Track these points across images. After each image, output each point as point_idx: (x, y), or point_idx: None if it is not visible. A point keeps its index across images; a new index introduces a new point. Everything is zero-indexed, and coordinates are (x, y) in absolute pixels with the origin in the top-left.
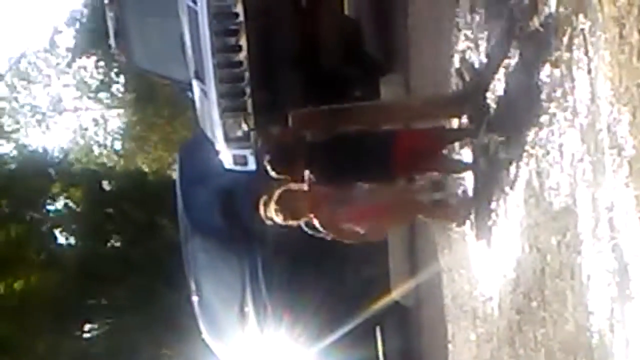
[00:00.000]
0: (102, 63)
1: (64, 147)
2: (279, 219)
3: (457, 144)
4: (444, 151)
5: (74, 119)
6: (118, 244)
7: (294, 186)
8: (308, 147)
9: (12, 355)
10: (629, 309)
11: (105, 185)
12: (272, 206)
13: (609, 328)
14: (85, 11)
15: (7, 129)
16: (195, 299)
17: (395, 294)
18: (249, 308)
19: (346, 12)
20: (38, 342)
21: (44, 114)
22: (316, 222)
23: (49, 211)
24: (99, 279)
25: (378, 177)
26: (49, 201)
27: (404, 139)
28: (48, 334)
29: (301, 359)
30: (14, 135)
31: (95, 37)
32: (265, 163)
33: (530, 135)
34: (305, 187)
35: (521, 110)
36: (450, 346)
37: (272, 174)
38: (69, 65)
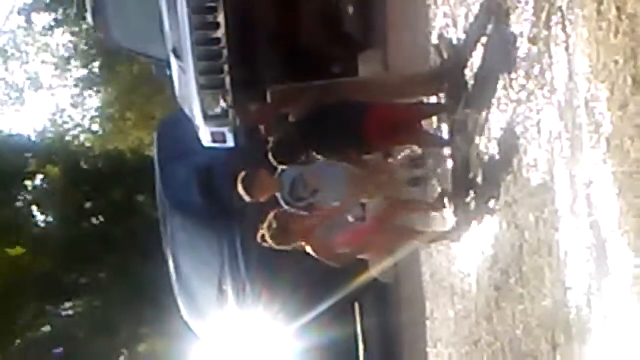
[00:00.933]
0: (79, 40)
1: (40, 125)
2: (270, 242)
3: (435, 121)
4: (421, 125)
5: (51, 98)
6: (97, 222)
7: (286, 211)
8: (297, 128)
9: None
10: (607, 285)
11: (84, 164)
12: (265, 230)
13: (586, 304)
14: None
15: None
16: (173, 277)
17: (374, 271)
18: (228, 286)
19: None
20: (17, 321)
21: (21, 90)
22: (308, 248)
23: (27, 190)
24: (78, 257)
25: (354, 145)
26: (27, 181)
27: (379, 109)
28: (27, 313)
29: (280, 336)
30: None
31: (72, 14)
32: (270, 155)
33: (509, 111)
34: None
35: (499, 87)
36: (428, 323)
37: (274, 163)
38: (46, 44)
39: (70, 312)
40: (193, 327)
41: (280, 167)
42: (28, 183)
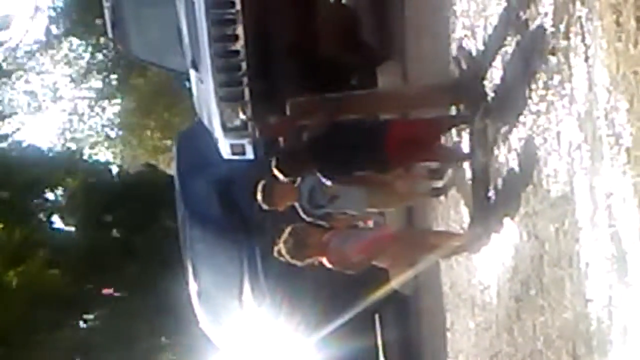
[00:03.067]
0: (99, 52)
1: (60, 136)
2: (286, 257)
3: (455, 133)
4: (440, 140)
5: (71, 108)
6: (117, 234)
7: (302, 226)
8: (308, 144)
9: (11, 345)
10: (627, 296)
11: (105, 175)
12: (281, 244)
13: (607, 315)
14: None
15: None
16: (193, 287)
17: (394, 283)
18: (247, 297)
19: (343, 0)
20: (37, 332)
21: (40, 102)
22: (326, 262)
23: (48, 201)
24: (98, 267)
25: (373, 167)
26: (48, 191)
27: (398, 129)
28: (47, 324)
29: (300, 347)
30: (11, 126)
31: (93, 26)
32: (273, 168)
33: (528, 123)
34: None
35: (519, 98)
36: (448, 334)
37: (280, 176)
38: (65, 55)
39: (89, 324)
40: (212, 337)
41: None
42: (48, 194)
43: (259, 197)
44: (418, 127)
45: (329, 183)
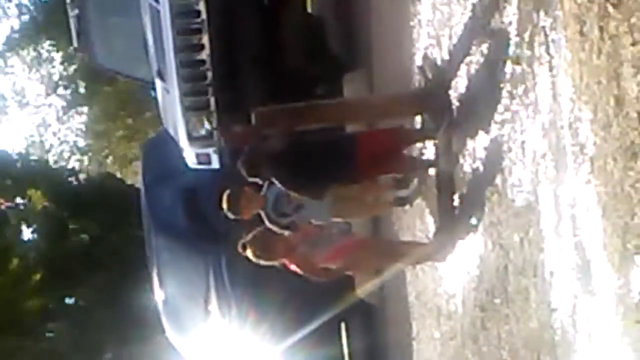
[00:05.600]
0: (64, 60)
1: (26, 143)
2: (252, 258)
3: (420, 142)
4: (406, 150)
5: (36, 116)
6: (82, 242)
7: (268, 229)
8: (272, 155)
9: None
10: (592, 305)
11: (69, 183)
12: (247, 242)
13: (572, 324)
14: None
15: None
16: (159, 297)
17: (360, 291)
18: (214, 306)
19: (309, 9)
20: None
21: (6, 108)
22: (292, 265)
23: (15, 208)
24: (62, 276)
25: (341, 180)
26: (16, 199)
27: (366, 141)
28: (11, 333)
29: (267, 356)
30: None
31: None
32: (239, 166)
33: (493, 132)
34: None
35: (483, 108)
36: (414, 343)
37: (245, 175)
38: (31, 63)
39: (54, 333)
40: (178, 347)
41: (266, 183)
42: (16, 202)
43: (225, 206)
44: (385, 138)
45: (291, 192)
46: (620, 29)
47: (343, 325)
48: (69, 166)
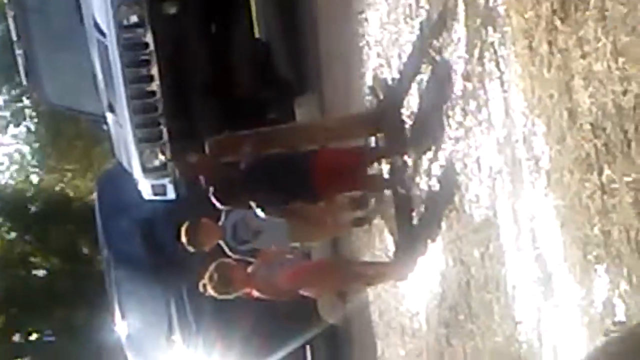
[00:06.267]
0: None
1: None
2: (215, 295)
3: (375, 161)
4: (363, 169)
5: None
6: (42, 275)
7: (225, 261)
8: (243, 176)
9: None
10: (556, 317)
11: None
12: (206, 280)
13: (537, 337)
14: None
15: None
16: (121, 329)
17: (323, 313)
18: (177, 337)
19: (257, 35)
20: None
21: None
22: (254, 292)
23: None
24: (26, 312)
25: (301, 198)
26: None
27: (323, 158)
28: None
29: None
30: None
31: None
32: (211, 196)
33: (447, 149)
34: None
35: (437, 125)
36: None
37: (218, 205)
38: None
39: None
40: None
41: (223, 213)
42: None
43: (184, 239)
44: (342, 156)
45: (261, 214)
46: (569, 42)
47: (308, 349)
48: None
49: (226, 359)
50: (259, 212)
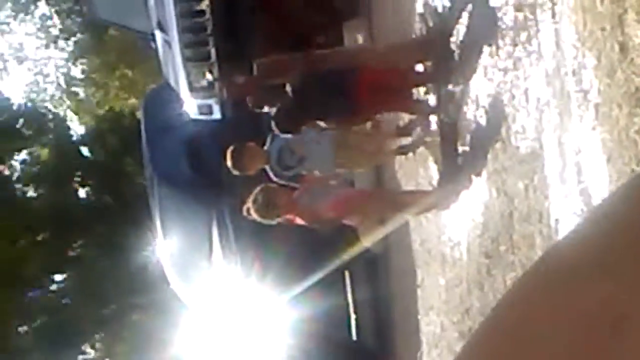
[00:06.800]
0: (64, 12)
1: (27, 97)
2: (255, 216)
3: (422, 90)
4: (409, 92)
5: (36, 68)
6: (85, 193)
7: (271, 185)
8: (296, 98)
9: None
10: None
11: (72, 134)
12: (250, 203)
13: None
14: None
15: None
16: (162, 247)
17: (364, 240)
18: (217, 256)
19: None
20: (9, 299)
21: (5, 61)
22: (297, 220)
23: (16, 162)
24: (67, 228)
25: (342, 110)
26: (15, 153)
27: (369, 72)
28: (19, 289)
29: (270, 306)
30: None
31: None
32: (273, 125)
33: (496, 79)
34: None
35: (485, 55)
36: (419, 291)
37: (278, 132)
38: (30, 13)
39: (60, 285)
40: (182, 296)
41: (269, 137)
42: (15, 157)
43: (229, 162)
44: (387, 74)
45: (310, 135)
46: None
47: (347, 275)
48: (69, 118)
49: (264, 280)
50: (310, 130)
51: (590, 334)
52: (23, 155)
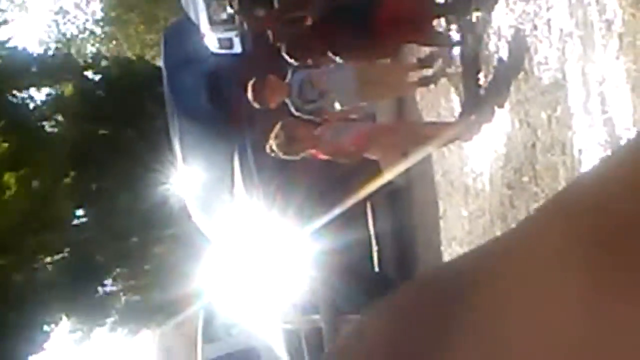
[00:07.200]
0: None
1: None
2: (278, 152)
3: (443, 21)
4: (429, 21)
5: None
6: (106, 129)
7: (293, 120)
8: (311, 26)
9: (6, 250)
10: None
11: (91, 73)
12: (272, 140)
13: None
14: None
15: None
16: (183, 181)
17: (386, 172)
18: (239, 189)
19: None
20: (32, 234)
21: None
22: (320, 154)
23: (35, 101)
24: (87, 164)
25: (363, 42)
26: (35, 91)
27: (388, 5)
28: (41, 224)
29: (293, 238)
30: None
31: None
32: (283, 54)
33: (518, 10)
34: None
35: None
36: (442, 222)
37: (291, 61)
38: None
39: (81, 220)
40: (204, 230)
41: (290, 71)
42: (36, 94)
43: (250, 95)
44: (409, 4)
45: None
46: None
47: (369, 207)
48: (89, 54)
49: (286, 212)
50: (330, 63)
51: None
52: (46, 91)
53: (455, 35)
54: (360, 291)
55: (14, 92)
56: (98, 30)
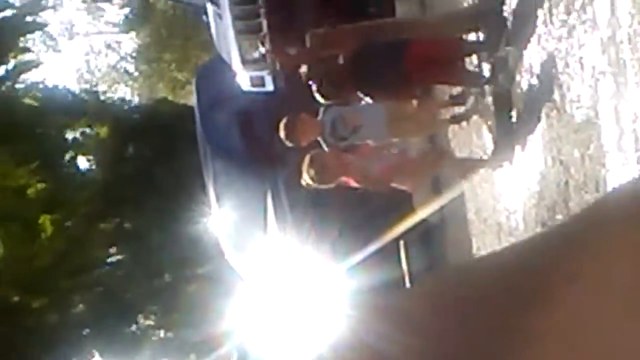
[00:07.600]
0: None
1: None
2: (312, 184)
3: (475, 59)
4: (462, 62)
5: (86, 45)
6: (138, 168)
7: (320, 151)
8: (344, 66)
9: (39, 290)
10: None
11: (124, 110)
12: (305, 171)
13: None
14: None
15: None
16: (217, 219)
17: (419, 211)
18: (273, 228)
19: None
20: (67, 276)
21: (54, 39)
22: (352, 183)
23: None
24: (119, 203)
25: (394, 82)
26: (70, 133)
27: (420, 45)
28: (74, 265)
29: (326, 276)
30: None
31: None
32: (315, 92)
33: (550, 48)
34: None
35: (539, 23)
36: None
37: (321, 100)
38: None
39: (114, 259)
40: (238, 268)
41: (322, 108)
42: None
43: (282, 134)
44: (438, 45)
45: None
46: None
47: (402, 244)
48: (121, 94)
49: (319, 250)
50: (361, 101)
51: None
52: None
53: (486, 72)
54: None
55: (49, 132)
56: (131, 68)
